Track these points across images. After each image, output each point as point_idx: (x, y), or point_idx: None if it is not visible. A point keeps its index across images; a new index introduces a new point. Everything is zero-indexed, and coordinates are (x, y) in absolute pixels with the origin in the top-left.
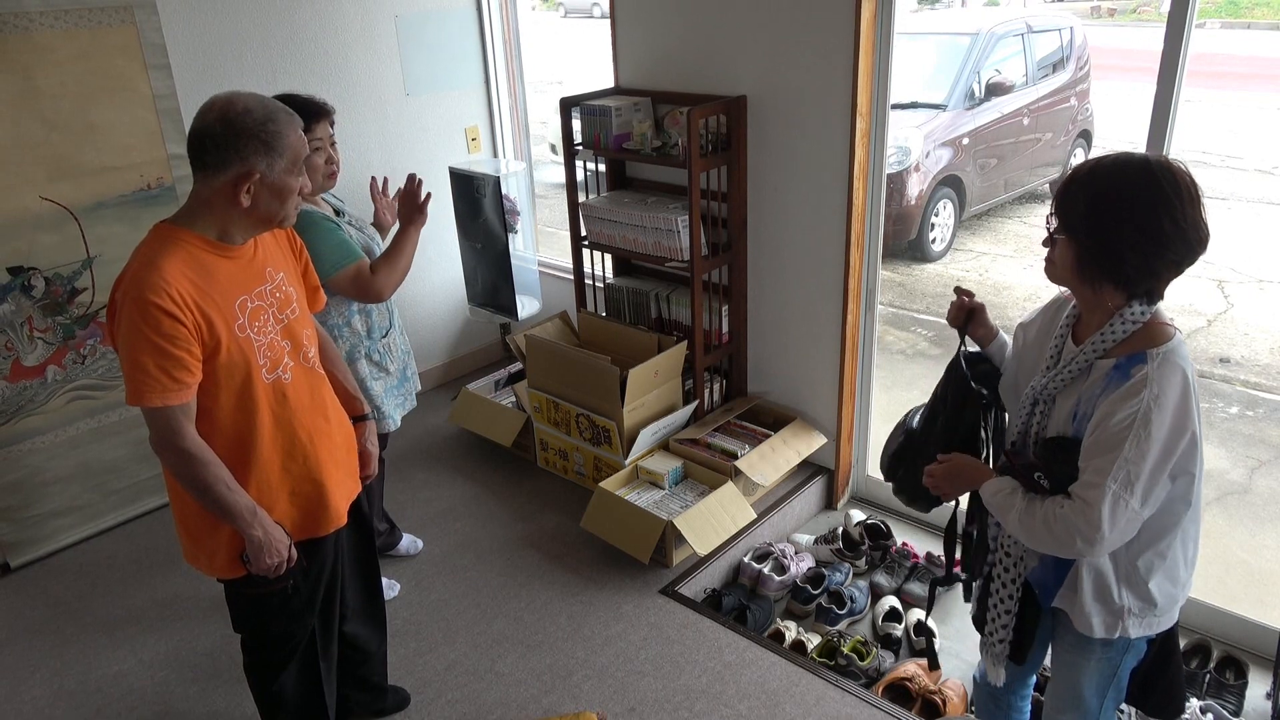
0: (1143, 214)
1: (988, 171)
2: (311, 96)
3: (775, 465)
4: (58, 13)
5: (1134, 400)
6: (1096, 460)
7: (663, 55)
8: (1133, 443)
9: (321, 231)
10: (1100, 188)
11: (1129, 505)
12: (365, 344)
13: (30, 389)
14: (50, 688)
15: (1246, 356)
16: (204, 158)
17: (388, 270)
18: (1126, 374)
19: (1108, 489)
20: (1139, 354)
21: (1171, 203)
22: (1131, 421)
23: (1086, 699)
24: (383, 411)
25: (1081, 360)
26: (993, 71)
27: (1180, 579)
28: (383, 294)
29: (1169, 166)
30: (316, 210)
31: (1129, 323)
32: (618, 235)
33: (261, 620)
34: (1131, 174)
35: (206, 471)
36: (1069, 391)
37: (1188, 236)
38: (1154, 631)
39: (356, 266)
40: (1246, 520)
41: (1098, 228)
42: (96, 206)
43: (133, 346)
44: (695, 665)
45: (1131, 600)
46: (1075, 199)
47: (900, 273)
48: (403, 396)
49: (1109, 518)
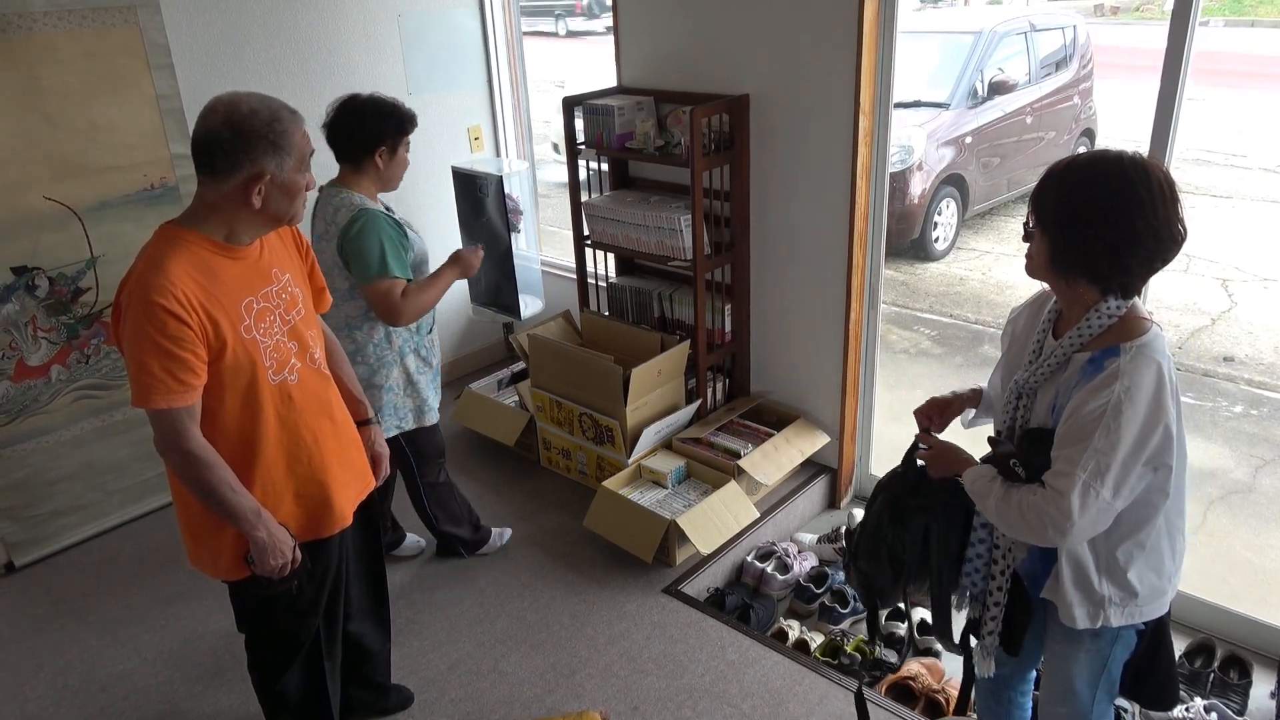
0: (1114, 211)
1: (990, 170)
2: (398, 101)
3: (778, 464)
4: (62, 12)
5: (1105, 392)
6: (1067, 450)
7: (665, 54)
8: (1102, 433)
9: (382, 235)
10: (1073, 184)
11: (1099, 495)
12: (415, 340)
13: (34, 389)
14: (54, 686)
15: (1250, 355)
16: (212, 163)
17: (416, 299)
18: (1100, 367)
19: (1078, 478)
20: (1113, 347)
21: (1144, 200)
22: (1102, 412)
23: (1078, 690)
24: (429, 405)
25: (1060, 354)
26: (995, 70)
27: (1165, 569)
28: (399, 319)
29: (1143, 164)
30: (381, 212)
31: (1104, 317)
32: (620, 234)
33: (266, 620)
34: (1105, 171)
35: (211, 473)
36: (1049, 385)
37: (1160, 234)
38: (1139, 621)
39: (393, 284)
40: (1250, 519)
41: (1070, 224)
42: (100, 206)
43: (138, 348)
44: (698, 664)
45: (1111, 590)
46: (1049, 195)
47: (903, 272)
48: (436, 389)
49: (1079, 506)
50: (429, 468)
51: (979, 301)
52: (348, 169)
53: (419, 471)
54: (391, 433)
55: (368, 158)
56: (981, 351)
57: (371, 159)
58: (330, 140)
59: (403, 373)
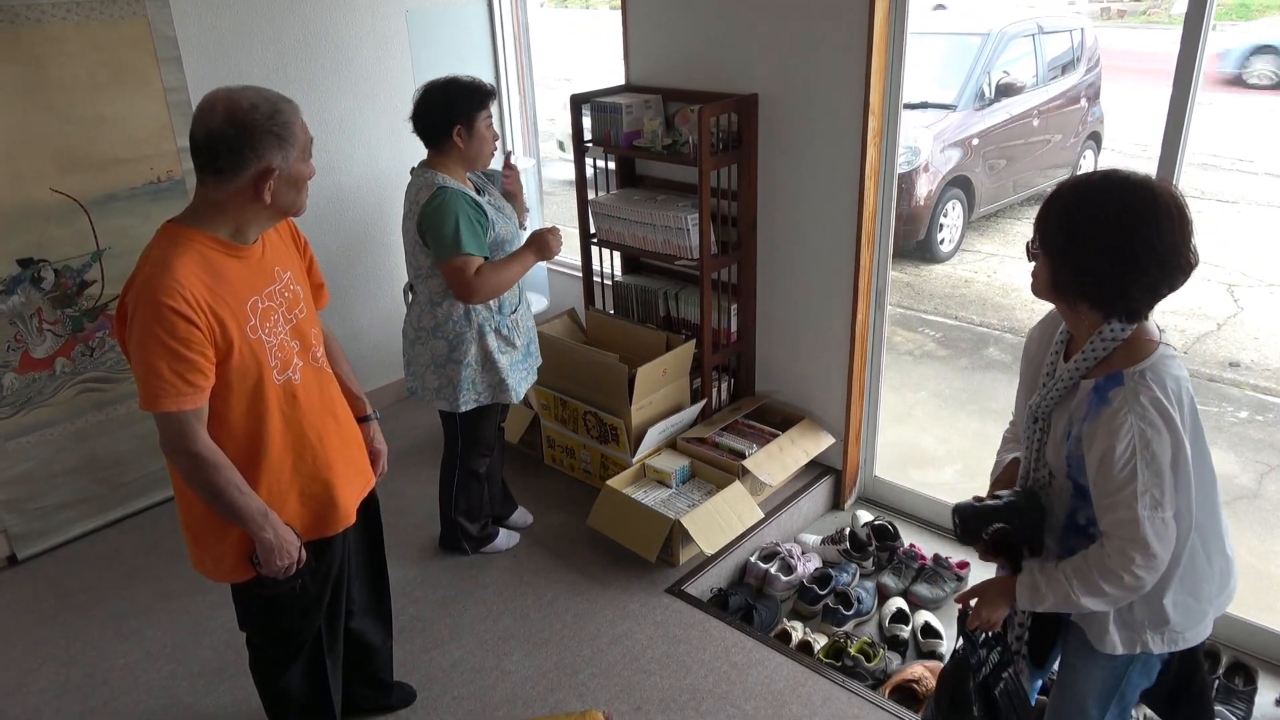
0: (1116, 236)
1: (997, 172)
2: (476, 78)
3: (783, 465)
4: (70, 5)
5: (1124, 430)
6: (1115, 498)
7: (674, 52)
8: (1144, 469)
9: (458, 213)
10: (1076, 207)
11: (1164, 519)
12: (495, 319)
13: (39, 381)
14: (58, 679)
15: (1256, 361)
16: (217, 162)
17: (490, 278)
18: (1104, 397)
19: (1142, 516)
20: (1116, 374)
21: (1148, 226)
22: (1133, 452)
23: (1088, 710)
24: (507, 384)
25: (1066, 379)
26: (1002, 72)
27: (1203, 592)
28: (474, 297)
29: (1150, 187)
30: (462, 191)
31: (1108, 340)
32: (627, 233)
33: (268, 619)
34: (1109, 194)
35: (219, 475)
36: (1061, 411)
37: (1166, 261)
38: (1178, 647)
39: (466, 261)
40: (1256, 525)
41: (1071, 248)
42: (107, 199)
43: (146, 350)
44: (701, 665)
45: (1146, 615)
46: (1052, 217)
47: (908, 273)
48: (526, 371)
49: (1155, 538)
50: (474, 456)
51: (984, 304)
52: (433, 152)
53: (463, 454)
54: (470, 406)
55: (447, 139)
56: (986, 354)
57: (450, 139)
58: (414, 127)
59: (481, 350)
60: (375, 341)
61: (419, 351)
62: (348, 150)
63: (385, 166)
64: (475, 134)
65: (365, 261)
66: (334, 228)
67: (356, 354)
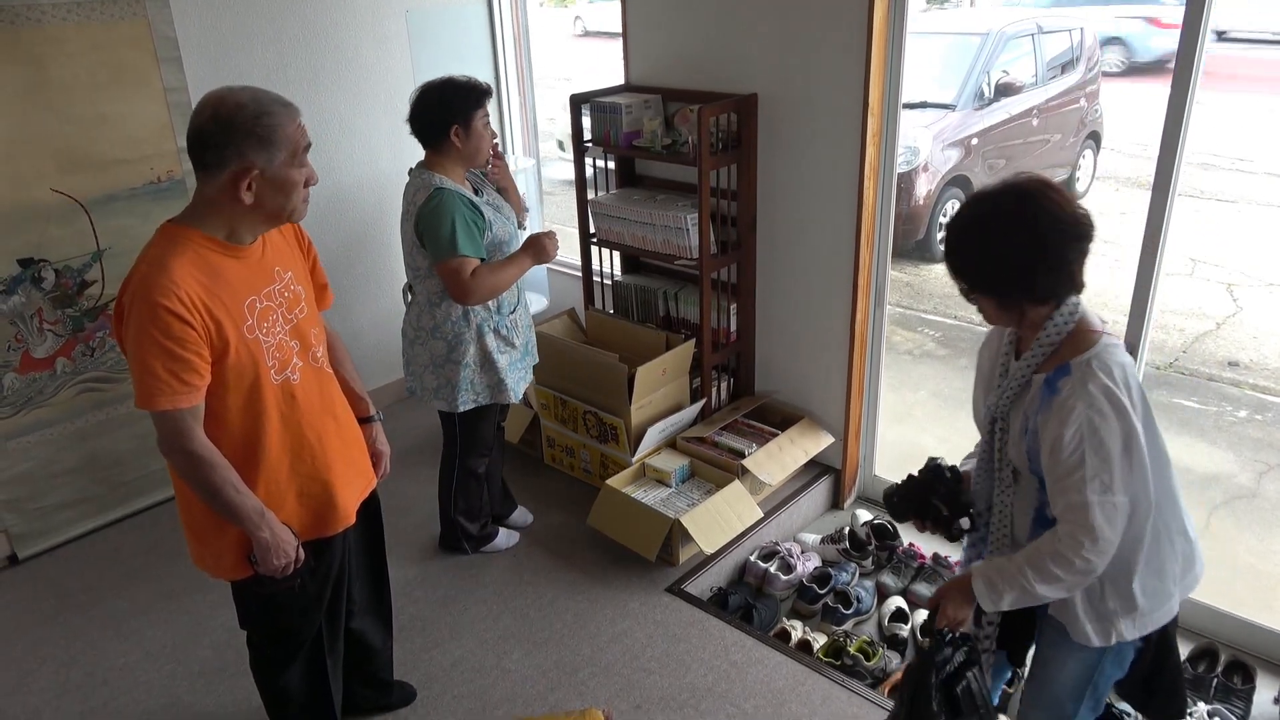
0: (1012, 233)
1: (996, 172)
2: (471, 78)
3: (782, 464)
4: (70, 5)
5: (1073, 418)
6: (1066, 482)
7: (673, 52)
8: (1091, 455)
9: (454, 214)
10: (967, 241)
11: (1114, 502)
12: (494, 319)
13: (39, 381)
14: (58, 679)
15: (1255, 360)
16: (203, 157)
17: (486, 279)
18: (1055, 389)
19: (1091, 500)
20: (1065, 365)
21: (1025, 212)
22: (1081, 439)
23: (1060, 700)
24: (506, 384)
25: (1020, 377)
26: (1002, 72)
27: (1168, 572)
28: (469, 298)
29: (1004, 182)
30: (459, 192)
31: (1054, 334)
32: (626, 233)
33: (267, 617)
34: (980, 209)
35: (215, 474)
36: (1016, 408)
37: (1064, 224)
38: (1150, 630)
39: (462, 262)
40: (1254, 524)
41: (989, 271)
42: (107, 199)
43: (142, 349)
44: (701, 664)
45: (1117, 602)
46: (958, 261)
47: (907, 272)
48: (524, 370)
49: (1103, 521)
50: (473, 455)
51: None
52: (430, 152)
53: (461, 454)
54: (468, 406)
55: (444, 139)
56: None
57: (448, 139)
58: (411, 129)
59: (480, 350)
60: (375, 341)
61: (418, 351)
62: (348, 150)
63: (385, 166)
64: (473, 133)
65: (365, 261)
66: (334, 228)
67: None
